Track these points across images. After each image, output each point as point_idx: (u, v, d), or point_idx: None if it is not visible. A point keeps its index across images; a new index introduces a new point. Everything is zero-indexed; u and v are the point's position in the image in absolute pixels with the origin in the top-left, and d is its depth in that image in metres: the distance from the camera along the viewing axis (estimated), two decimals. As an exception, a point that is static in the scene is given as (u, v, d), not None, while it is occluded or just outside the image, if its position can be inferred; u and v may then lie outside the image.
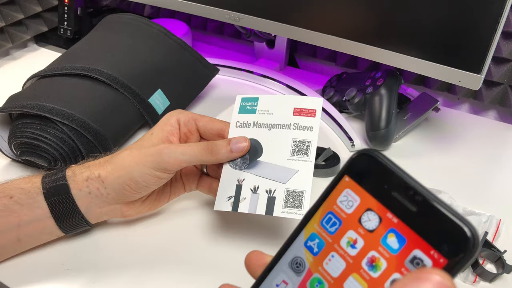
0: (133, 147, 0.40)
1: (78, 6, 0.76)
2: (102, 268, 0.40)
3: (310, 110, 0.41)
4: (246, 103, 0.43)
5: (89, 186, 0.38)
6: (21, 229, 0.38)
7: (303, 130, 0.41)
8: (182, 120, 0.42)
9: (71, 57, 0.55)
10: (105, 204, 0.40)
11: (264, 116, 0.42)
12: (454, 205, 0.47)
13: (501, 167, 0.56)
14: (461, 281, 0.41)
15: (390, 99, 0.56)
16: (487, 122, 0.65)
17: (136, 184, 0.38)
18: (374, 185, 0.22)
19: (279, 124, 0.41)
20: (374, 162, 0.22)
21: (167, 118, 0.42)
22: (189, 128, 0.42)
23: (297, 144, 0.40)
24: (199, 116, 0.42)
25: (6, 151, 0.50)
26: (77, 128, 0.47)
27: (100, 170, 0.39)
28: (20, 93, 0.51)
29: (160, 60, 0.57)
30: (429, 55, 0.51)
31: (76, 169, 0.39)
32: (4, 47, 0.73)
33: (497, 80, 0.63)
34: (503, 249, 0.43)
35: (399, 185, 0.21)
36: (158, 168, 0.38)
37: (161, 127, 0.41)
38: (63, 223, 0.39)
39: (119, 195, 0.39)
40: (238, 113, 0.43)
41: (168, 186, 0.44)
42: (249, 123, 0.42)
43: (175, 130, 0.41)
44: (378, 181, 0.22)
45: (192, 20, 0.86)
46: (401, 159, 0.56)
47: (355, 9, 0.54)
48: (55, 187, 0.38)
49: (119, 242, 0.43)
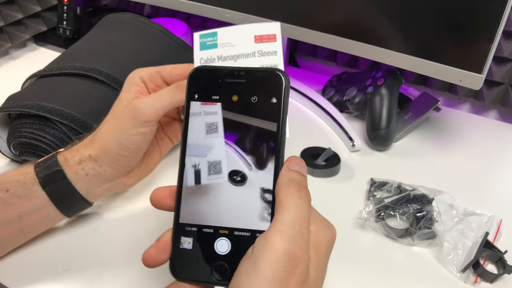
0: (108, 118, 0.40)
1: (77, 6, 0.76)
2: (102, 269, 0.40)
3: (271, 36, 0.41)
4: (206, 39, 0.42)
5: (84, 168, 0.39)
6: (22, 220, 0.38)
7: (267, 56, 0.41)
8: (145, 77, 0.41)
9: (70, 56, 0.55)
10: (105, 182, 0.40)
11: (226, 49, 0.41)
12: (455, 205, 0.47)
13: (502, 167, 0.56)
14: (462, 281, 0.41)
15: (390, 99, 0.56)
16: (488, 122, 0.65)
17: (127, 151, 0.38)
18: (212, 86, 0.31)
19: (243, 54, 0.41)
20: (206, 71, 0.31)
21: (130, 78, 0.41)
22: (155, 82, 0.41)
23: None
24: (160, 68, 0.41)
25: (5, 151, 0.50)
26: (76, 128, 0.47)
27: (89, 150, 0.39)
28: (19, 93, 0.51)
29: (160, 59, 0.57)
30: (430, 54, 0.50)
31: (66, 153, 0.40)
32: (3, 47, 0.73)
33: (498, 80, 0.63)
34: (504, 250, 0.42)
35: (227, 74, 0.31)
36: (139, 124, 0.38)
37: (127, 89, 0.40)
38: (65, 208, 0.40)
39: (115, 169, 0.39)
40: (200, 51, 0.42)
41: (155, 144, 0.43)
42: (213, 58, 0.41)
43: (142, 89, 0.40)
44: (215, 81, 0.31)
45: (192, 19, 0.86)
46: (402, 159, 0.56)
47: (356, 9, 0.54)
48: (50, 174, 0.38)
49: (119, 242, 0.43)
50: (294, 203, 0.27)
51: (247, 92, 0.30)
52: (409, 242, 0.44)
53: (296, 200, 0.27)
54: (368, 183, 0.51)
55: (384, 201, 0.47)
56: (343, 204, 0.49)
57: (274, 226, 0.26)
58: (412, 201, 0.46)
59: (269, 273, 0.24)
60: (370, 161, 0.56)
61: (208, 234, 0.28)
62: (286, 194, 0.27)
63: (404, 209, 0.45)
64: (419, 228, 0.44)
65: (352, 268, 0.42)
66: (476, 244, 0.43)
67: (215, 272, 0.28)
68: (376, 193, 0.49)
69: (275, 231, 0.25)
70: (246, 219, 0.28)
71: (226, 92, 0.30)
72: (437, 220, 0.44)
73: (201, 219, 0.29)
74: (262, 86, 0.30)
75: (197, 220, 0.29)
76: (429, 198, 0.47)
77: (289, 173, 0.29)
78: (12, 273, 0.39)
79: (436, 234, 0.44)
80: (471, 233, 0.44)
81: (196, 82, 0.31)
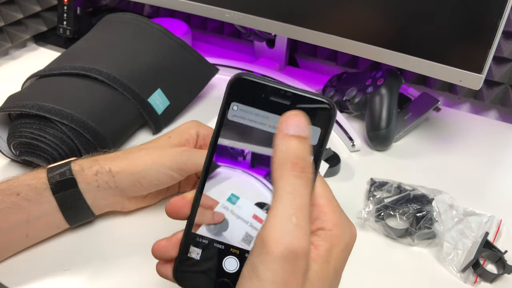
0: (150, 147, 0.42)
1: (78, 6, 0.76)
2: (101, 269, 0.40)
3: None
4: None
5: (98, 180, 0.39)
6: (29, 224, 0.39)
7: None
8: (201, 134, 0.43)
9: (71, 56, 0.55)
10: (110, 196, 0.41)
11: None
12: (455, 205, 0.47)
13: (502, 167, 0.56)
14: (462, 281, 0.41)
15: (390, 99, 0.56)
16: (488, 122, 0.65)
17: (148, 182, 0.40)
18: (252, 99, 0.27)
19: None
20: (249, 82, 0.27)
21: (187, 127, 0.43)
22: (206, 142, 0.43)
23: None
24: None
25: (5, 151, 0.50)
26: (76, 128, 0.47)
27: (111, 164, 0.40)
28: (19, 93, 0.51)
29: (160, 59, 0.57)
30: (429, 54, 0.50)
31: (83, 163, 0.40)
32: (3, 47, 0.73)
33: (498, 80, 0.63)
34: (504, 250, 0.42)
35: (272, 91, 0.27)
36: (175, 168, 0.39)
37: (180, 134, 0.42)
38: (70, 216, 0.40)
39: (126, 190, 0.40)
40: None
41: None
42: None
43: (192, 140, 0.43)
44: (255, 94, 0.27)
45: (191, 19, 0.86)
46: (401, 159, 0.56)
47: (355, 9, 0.54)
48: (62, 181, 0.39)
49: (118, 242, 0.43)
50: (289, 187, 0.23)
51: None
52: (409, 242, 0.44)
53: (291, 182, 0.23)
54: (368, 183, 0.51)
55: (384, 201, 0.47)
56: (343, 204, 0.48)
57: (269, 220, 0.23)
58: (412, 201, 0.46)
59: (269, 277, 0.22)
60: (370, 161, 0.56)
61: (218, 250, 0.27)
62: (280, 174, 0.23)
63: (404, 209, 0.45)
64: (419, 228, 0.44)
65: (352, 268, 0.42)
66: (476, 244, 0.43)
67: (219, 287, 0.27)
68: (376, 193, 0.49)
69: (269, 227, 0.23)
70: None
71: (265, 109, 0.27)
72: (437, 220, 0.44)
73: (214, 233, 0.28)
74: (308, 114, 0.25)
75: (210, 233, 0.28)
76: (429, 198, 0.47)
77: (283, 141, 0.24)
78: (12, 273, 0.39)
79: (436, 234, 0.44)
80: (471, 233, 0.44)
81: (235, 92, 0.27)
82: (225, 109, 0.27)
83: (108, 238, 0.43)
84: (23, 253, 0.41)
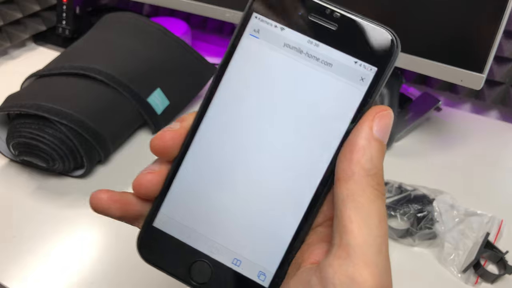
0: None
1: (77, 5, 0.76)
2: (101, 269, 0.40)
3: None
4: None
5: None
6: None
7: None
8: None
9: (70, 56, 0.55)
10: None
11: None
12: (456, 205, 0.46)
13: (503, 167, 0.56)
14: (463, 282, 0.41)
15: (391, 98, 0.56)
16: (489, 122, 0.65)
17: None
18: (287, 15, 0.20)
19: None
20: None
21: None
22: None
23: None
24: None
25: (4, 151, 0.50)
26: (76, 128, 0.46)
27: None
28: (18, 93, 0.51)
29: (159, 59, 0.57)
30: (430, 54, 0.50)
31: None
32: (2, 47, 0.73)
33: (499, 80, 0.63)
34: (505, 250, 0.42)
35: (314, 7, 0.20)
36: None
37: None
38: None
39: None
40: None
41: None
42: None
43: None
44: (290, 9, 0.20)
45: (191, 18, 0.86)
46: (402, 159, 0.56)
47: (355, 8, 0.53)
48: None
49: (118, 243, 0.43)
50: (375, 207, 0.18)
51: (333, 44, 0.20)
52: (409, 243, 0.44)
53: (376, 202, 0.18)
54: (368, 183, 0.51)
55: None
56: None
57: (355, 249, 0.17)
58: (413, 201, 0.46)
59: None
60: (370, 161, 0.55)
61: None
62: (361, 185, 0.18)
63: (404, 210, 0.45)
64: (419, 228, 0.43)
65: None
66: (477, 245, 0.43)
67: (192, 270, 0.21)
68: (377, 193, 0.49)
69: (359, 259, 0.17)
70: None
71: (302, 31, 0.20)
72: (438, 220, 0.44)
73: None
74: (358, 43, 0.20)
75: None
76: (430, 198, 0.47)
77: (371, 143, 0.18)
78: (12, 273, 0.39)
79: (437, 234, 0.43)
80: (472, 233, 0.44)
81: (261, 4, 0.21)
82: (244, 23, 0.21)
83: (108, 238, 0.43)
84: (23, 252, 0.41)
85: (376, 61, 0.20)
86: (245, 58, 0.21)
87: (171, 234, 0.22)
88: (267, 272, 0.21)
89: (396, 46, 0.20)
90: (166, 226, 0.22)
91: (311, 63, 0.20)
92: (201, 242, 0.21)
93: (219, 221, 0.21)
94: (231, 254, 0.21)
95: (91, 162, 0.49)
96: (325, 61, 0.20)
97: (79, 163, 0.49)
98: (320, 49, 0.20)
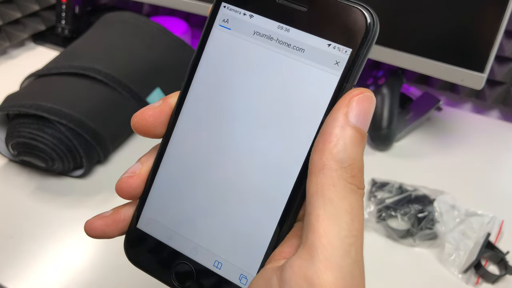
0: None
1: (76, 5, 0.76)
2: (101, 269, 0.40)
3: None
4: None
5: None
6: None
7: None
8: None
9: (69, 56, 0.55)
10: None
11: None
12: (457, 205, 0.46)
13: (504, 167, 0.56)
14: (464, 282, 0.40)
15: (392, 98, 0.56)
16: (490, 122, 0.64)
17: None
18: (254, 0, 0.20)
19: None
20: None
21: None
22: None
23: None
24: None
25: (3, 151, 0.50)
26: (75, 128, 0.46)
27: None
28: (18, 93, 0.50)
29: (159, 59, 0.57)
30: (431, 54, 0.50)
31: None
32: (1, 46, 0.73)
33: (500, 80, 0.63)
34: (505, 251, 0.42)
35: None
36: None
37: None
38: None
39: None
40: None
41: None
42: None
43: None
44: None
45: (191, 18, 0.86)
46: (403, 159, 0.56)
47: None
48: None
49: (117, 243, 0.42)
50: (346, 204, 0.16)
51: (304, 27, 0.19)
52: (410, 243, 0.44)
53: (349, 198, 0.16)
54: (369, 184, 0.51)
55: (385, 201, 0.46)
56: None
57: (318, 251, 0.16)
58: (414, 202, 0.46)
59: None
60: (371, 161, 0.55)
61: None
62: (332, 179, 0.16)
63: (405, 210, 0.45)
64: (420, 229, 0.43)
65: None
66: (477, 245, 0.43)
67: (176, 274, 0.21)
68: (377, 193, 0.49)
69: (321, 262, 0.15)
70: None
71: (271, 17, 0.20)
72: (439, 220, 0.44)
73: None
74: (330, 24, 0.19)
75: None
76: (431, 198, 0.46)
77: (345, 131, 0.17)
78: (11, 274, 0.39)
79: (438, 235, 0.43)
80: (473, 233, 0.44)
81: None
82: (214, 13, 0.21)
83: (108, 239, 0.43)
84: (23, 252, 0.40)
85: (351, 42, 0.18)
86: (216, 52, 0.20)
87: (153, 235, 0.22)
88: (248, 275, 0.20)
89: (373, 23, 0.19)
90: (148, 228, 0.22)
91: (282, 50, 0.19)
92: (183, 244, 0.21)
93: (199, 222, 0.21)
94: (212, 256, 0.20)
95: (90, 162, 0.49)
96: (297, 47, 0.19)
97: (78, 163, 0.48)
98: (291, 34, 0.19)
